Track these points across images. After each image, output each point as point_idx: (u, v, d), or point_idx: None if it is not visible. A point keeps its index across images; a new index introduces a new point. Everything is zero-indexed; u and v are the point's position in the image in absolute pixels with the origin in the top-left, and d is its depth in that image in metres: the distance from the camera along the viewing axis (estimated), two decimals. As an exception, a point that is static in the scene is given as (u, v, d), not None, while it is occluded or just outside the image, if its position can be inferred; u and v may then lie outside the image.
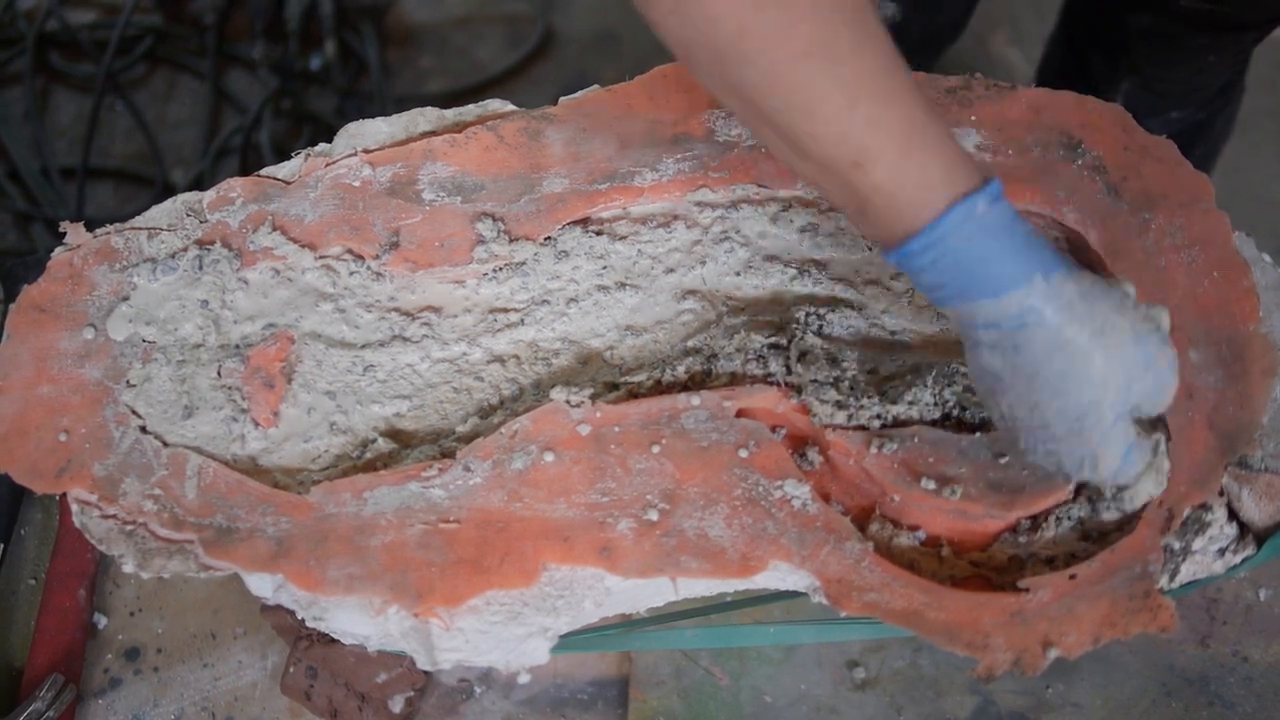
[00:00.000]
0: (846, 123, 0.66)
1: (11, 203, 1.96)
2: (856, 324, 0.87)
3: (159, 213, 0.91)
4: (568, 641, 0.82)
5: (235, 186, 0.91)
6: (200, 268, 0.89)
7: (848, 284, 0.89)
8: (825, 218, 0.91)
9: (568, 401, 0.83)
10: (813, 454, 0.82)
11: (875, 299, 0.89)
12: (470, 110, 0.94)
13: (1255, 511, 0.77)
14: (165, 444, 0.83)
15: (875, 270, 0.90)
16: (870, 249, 0.90)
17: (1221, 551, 0.77)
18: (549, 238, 0.90)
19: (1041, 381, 0.70)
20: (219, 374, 0.87)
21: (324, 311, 0.89)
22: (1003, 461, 0.79)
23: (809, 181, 0.72)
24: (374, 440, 0.85)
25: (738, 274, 0.90)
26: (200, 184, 2.00)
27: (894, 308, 0.88)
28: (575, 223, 0.91)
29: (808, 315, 0.87)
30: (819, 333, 0.86)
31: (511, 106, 0.94)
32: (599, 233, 0.91)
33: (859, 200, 0.69)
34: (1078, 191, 0.86)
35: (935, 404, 0.83)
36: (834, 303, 0.88)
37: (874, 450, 0.80)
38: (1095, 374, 0.69)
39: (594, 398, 0.84)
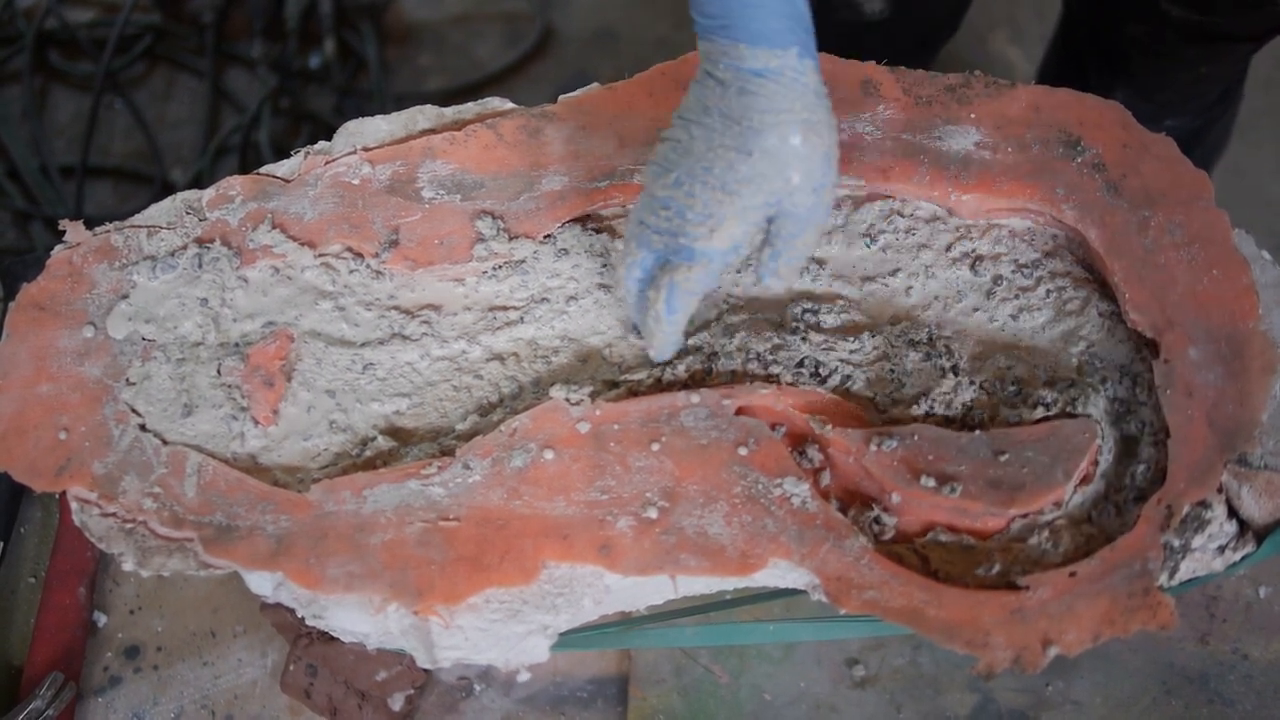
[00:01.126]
0: None
1: (11, 201, 1.96)
2: (854, 318, 0.88)
3: (158, 211, 0.91)
4: (567, 639, 0.82)
5: (234, 185, 0.91)
6: (200, 266, 0.89)
7: (846, 280, 0.89)
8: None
9: (567, 399, 0.83)
10: (812, 451, 0.82)
11: (871, 295, 0.89)
12: (469, 108, 0.94)
13: (1255, 509, 0.77)
14: (165, 442, 0.83)
15: (872, 268, 0.90)
16: (869, 243, 0.90)
17: (1221, 549, 0.77)
18: (548, 235, 0.90)
19: (740, 130, 0.76)
20: (219, 372, 0.87)
21: (323, 309, 0.89)
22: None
23: None
24: (373, 438, 0.85)
25: (737, 271, 0.90)
26: (199, 182, 1.99)
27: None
28: (575, 220, 0.91)
29: (804, 312, 0.87)
30: (816, 328, 0.87)
31: (511, 104, 0.94)
32: (599, 230, 0.91)
33: None
34: (1077, 189, 0.86)
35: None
36: (831, 299, 0.88)
37: (873, 448, 0.80)
38: (792, 152, 0.76)
39: (594, 396, 0.84)
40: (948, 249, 0.89)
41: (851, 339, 0.86)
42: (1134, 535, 0.76)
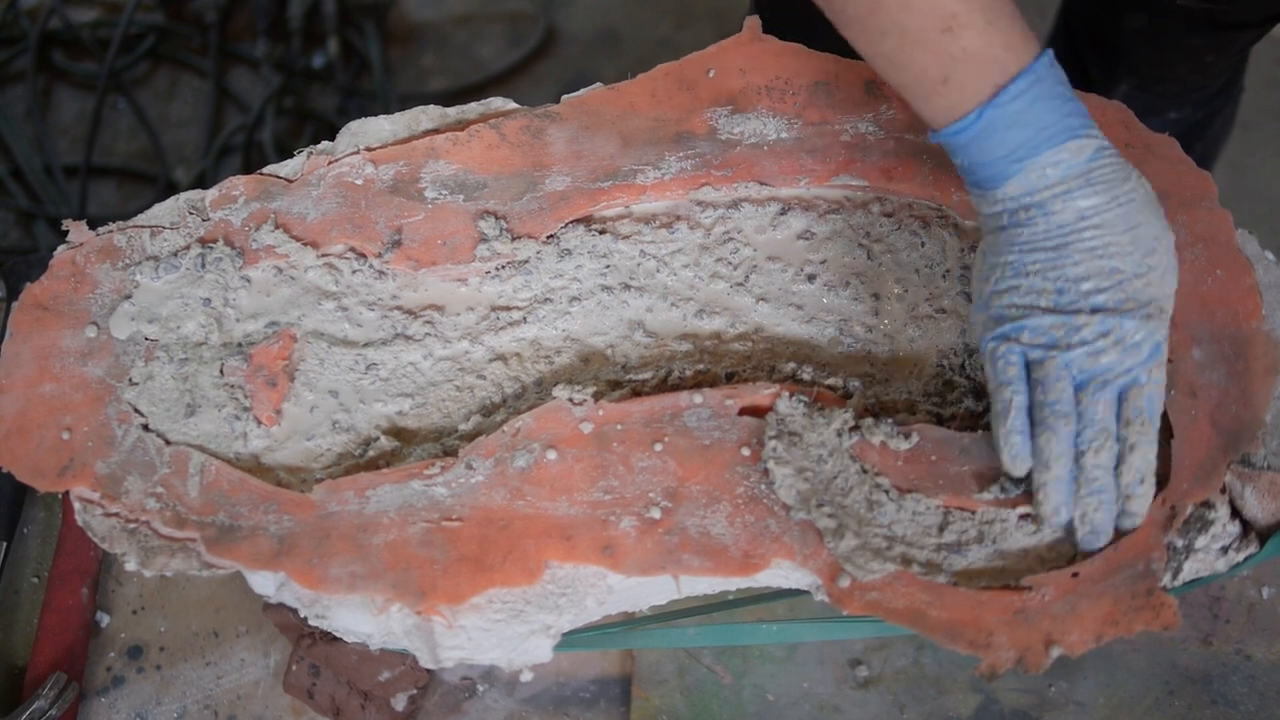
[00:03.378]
0: None
1: (14, 201, 1.96)
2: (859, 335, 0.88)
3: (161, 211, 0.91)
4: (570, 639, 0.82)
5: (238, 185, 0.91)
6: (203, 266, 0.89)
7: (844, 287, 0.90)
8: (823, 220, 0.91)
9: (570, 399, 0.83)
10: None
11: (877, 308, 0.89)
12: (473, 108, 0.94)
13: (1258, 509, 0.77)
14: (168, 442, 0.83)
15: (879, 284, 0.90)
16: (869, 251, 0.90)
17: (1224, 549, 0.77)
18: (551, 236, 0.90)
19: (1111, 224, 0.74)
20: (221, 372, 0.87)
21: (326, 310, 0.89)
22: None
23: (883, 62, 0.77)
24: (376, 438, 0.85)
25: (739, 284, 0.90)
26: (203, 182, 2.00)
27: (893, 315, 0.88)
28: (578, 221, 0.91)
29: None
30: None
31: (514, 105, 0.94)
32: (602, 231, 0.91)
33: (944, 66, 0.74)
34: (1080, 189, 0.86)
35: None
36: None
37: (878, 439, 0.80)
38: (1152, 232, 0.75)
39: (597, 396, 0.84)
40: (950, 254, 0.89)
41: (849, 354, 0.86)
42: (1137, 536, 0.76)
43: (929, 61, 0.74)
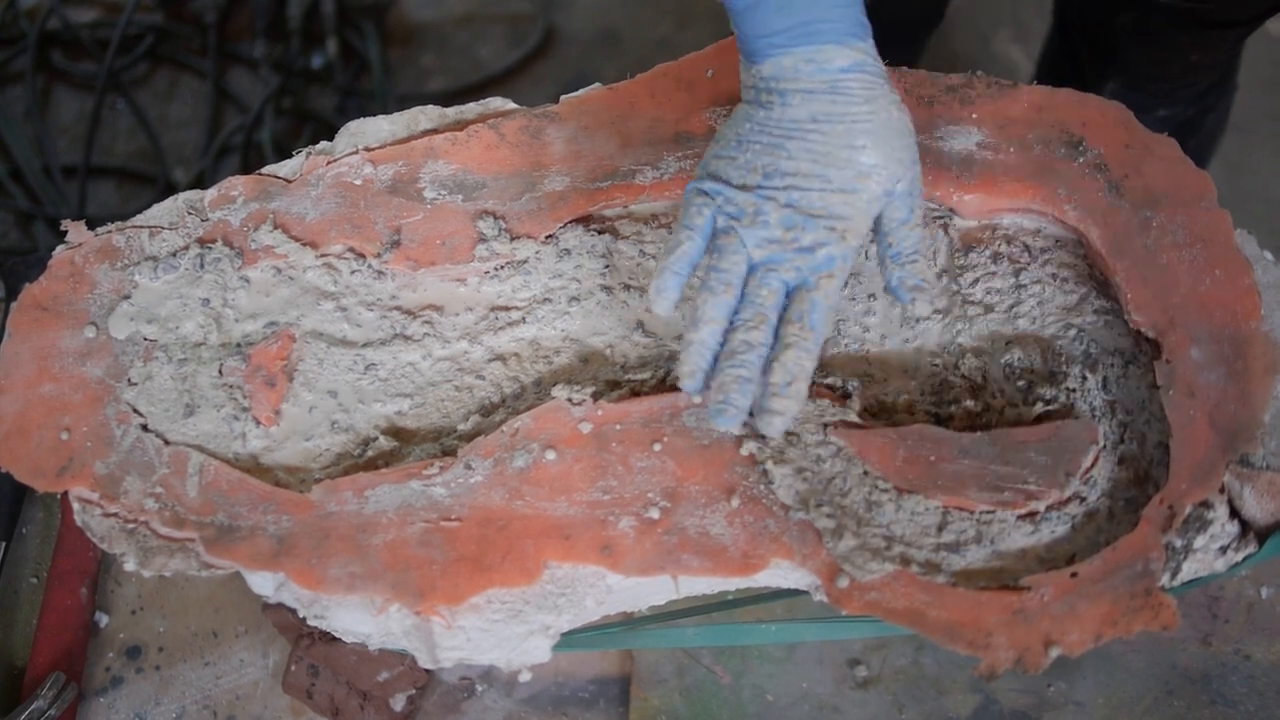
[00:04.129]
0: None
1: (13, 201, 1.96)
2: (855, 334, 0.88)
3: (160, 211, 0.91)
4: (569, 640, 0.82)
5: (236, 185, 0.91)
6: (202, 266, 0.89)
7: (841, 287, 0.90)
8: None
9: (569, 399, 0.83)
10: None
11: (871, 311, 0.89)
12: (472, 108, 0.94)
13: (1257, 509, 0.77)
14: (167, 442, 0.83)
15: (876, 285, 0.90)
16: (867, 250, 0.90)
17: (1223, 549, 0.77)
18: (550, 236, 0.90)
19: (846, 129, 0.76)
20: (220, 372, 0.87)
21: (325, 310, 0.89)
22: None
23: None
24: (375, 438, 0.85)
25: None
26: (202, 182, 2.00)
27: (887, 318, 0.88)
28: (577, 221, 0.91)
29: None
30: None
31: (513, 105, 0.94)
32: (601, 231, 0.91)
33: None
34: (1079, 189, 0.86)
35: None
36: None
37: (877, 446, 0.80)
38: (873, 159, 0.77)
39: (596, 396, 0.84)
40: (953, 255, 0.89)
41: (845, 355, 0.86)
42: (1136, 536, 0.76)
43: None
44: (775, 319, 0.77)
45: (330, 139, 0.93)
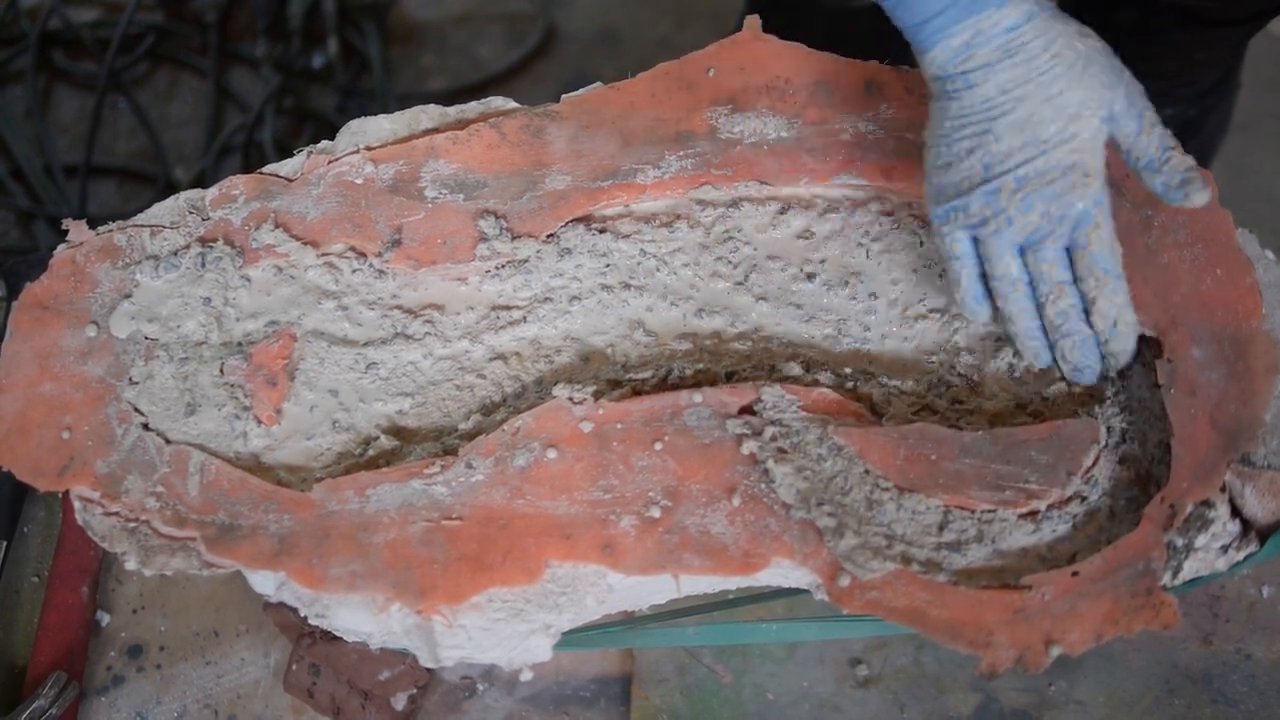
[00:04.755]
0: None
1: (14, 200, 1.96)
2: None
3: (161, 210, 0.91)
4: (570, 639, 0.82)
5: (237, 184, 0.91)
6: (203, 265, 0.89)
7: (841, 287, 0.90)
8: (823, 219, 0.91)
9: (570, 399, 0.83)
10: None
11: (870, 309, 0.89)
12: (472, 107, 0.94)
13: (1258, 508, 0.77)
14: (168, 441, 0.83)
15: (876, 284, 0.90)
16: (868, 252, 0.90)
17: (1224, 548, 0.77)
18: (551, 235, 0.90)
19: (1044, 80, 0.75)
20: (221, 371, 0.87)
21: (326, 309, 0.89)
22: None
23: None
24: (376, 438, 0.85)
25: (739, 283, 0.90)
26: (202, 182, 1.99)
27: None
28: (578, 220, 0.91)
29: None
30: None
31: (514, 104, 0.94)
32: (602, 230, 0.91)
33: None
34: (1080, 188, 0.86)
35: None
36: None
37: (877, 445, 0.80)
38: (1076, 97, 0.76)
39: (596, 395, 0.84)
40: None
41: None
42: (1137, 535, 0.76)
43: None
44: (1070, 276, 0.79)
45: (331, 138, 0.93)
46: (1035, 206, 0.77)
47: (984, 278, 0.82)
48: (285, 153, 1.24)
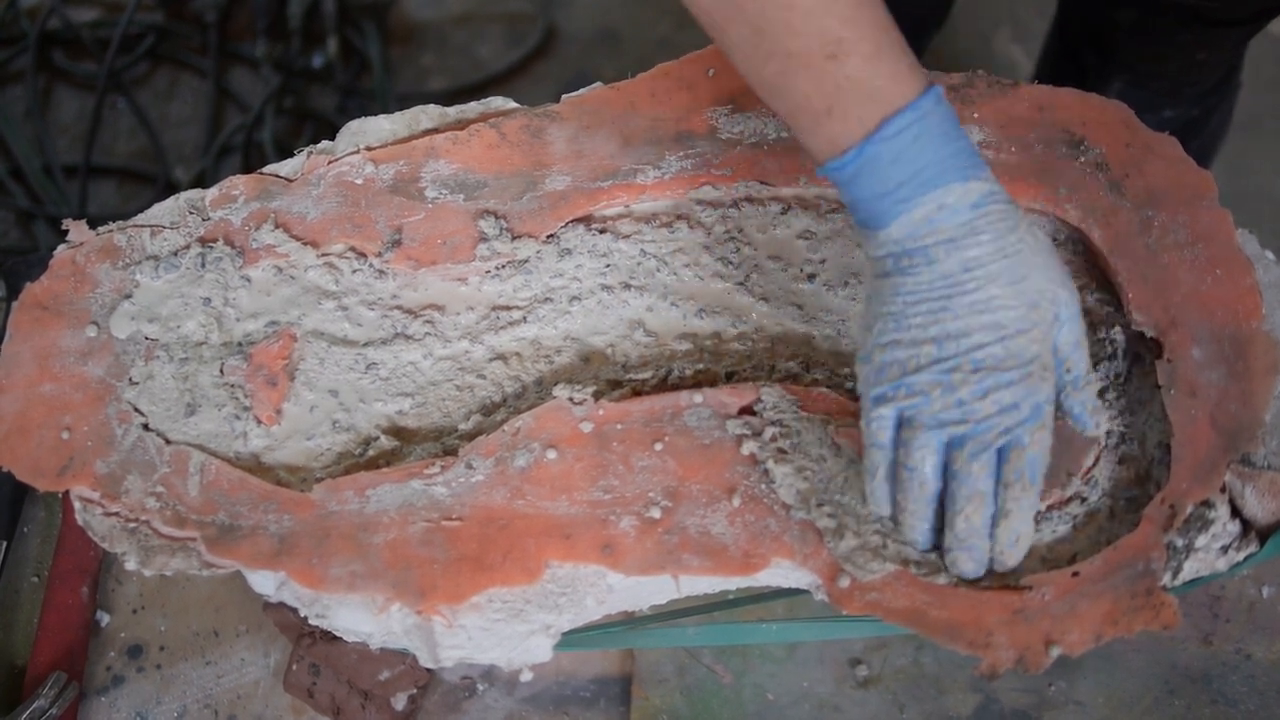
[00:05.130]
0: (824, 16, 0.70)
1: (14, 200, 1.96)
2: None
3: (161, 210, 0.91)
4: (570, 639, 0.82)
5: (237, 184, 0.91)
6: (203, 265, 0.89)
7: (841, 284, 0.90)
8: (823, 220, 0.91)
9: (571, 399, 0.83)
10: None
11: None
12: (473, 108, 0.94)
13: (1258, 509, 0.77)
14: (168, 441, 0.83)
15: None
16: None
17: (1224, 549, 0.77)
18: (551, 235, 0.90)
19: (995, 276, 0.71)
20: (222, 372, 0.87)
21: (326, 309, 0.89)
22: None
23: (766, 89, 0.75)
24: (376, 438, 0.85)
25: (740, 283, 0.90)
26: (202, 182, 1.99)
27: None
28: (578, 220, 0.91)
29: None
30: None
31: (514, 104, 0.94)
32: (602, 230, 0.91)
33: (827, 95, 0.71)
34: (1080, 189, 0.86)
35: None
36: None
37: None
38: (1037, 284, 0.72)
39: (597, 395, 0.84)
40: None
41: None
42: (1137, 535, 0.76)
43: (813, 89, 0.71)
44: (994, 484, 0.73)
45: (331, 138, 0.93)
46: (989, 394, 0.71)
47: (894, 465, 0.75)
48: (285, 153, 1.24)
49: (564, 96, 0.93)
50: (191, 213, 0.91)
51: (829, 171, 0.73)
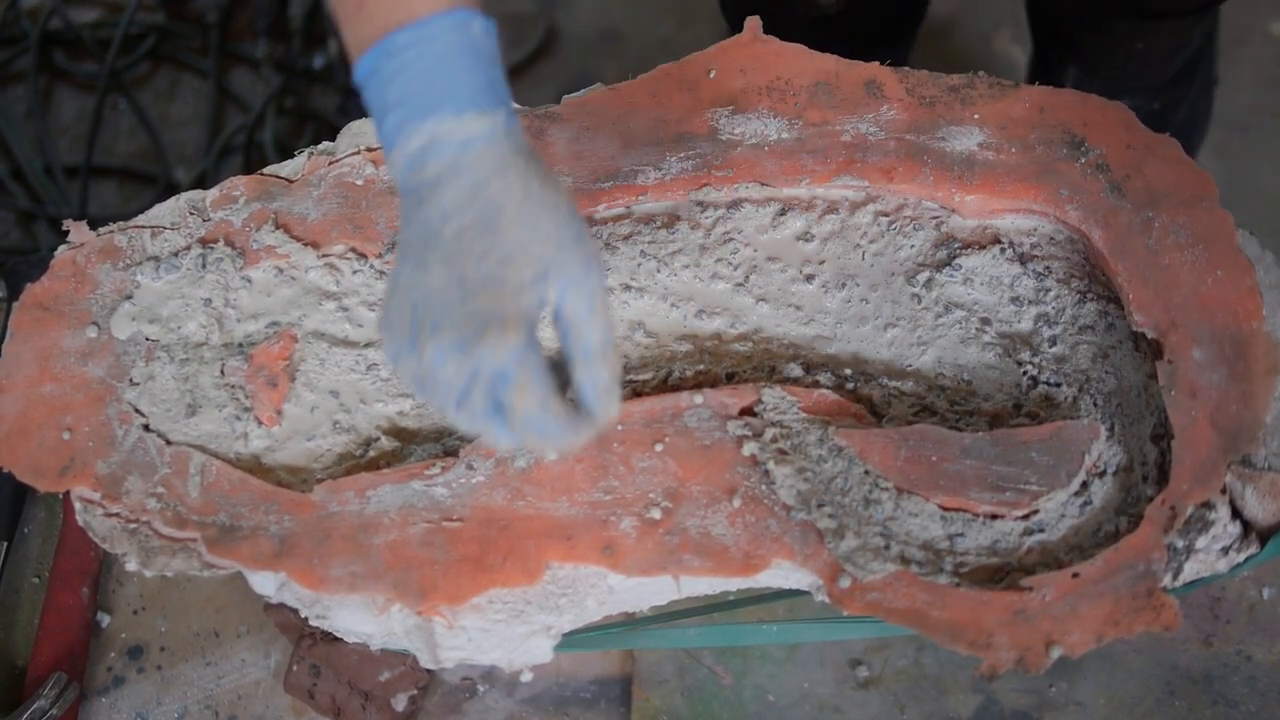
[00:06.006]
0: None
1: (15, 201, 1.96)
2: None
3: (162, 211, 0.91)
4: (571, 640, 0.82)
5: (238, 185, 0.91)
6: (203, 266, 0.89)
7: (840, 288, 0.90)
8: (823, 221, 0.91)
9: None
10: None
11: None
12: (473, 108, 0.94)
13: (1259, 510, 0.77)
14: (168, 442, 0.83)
15: (871, 283, 0.90)
16: (864, 252, 0.90)
17: (1225, 550, 0.77)
18: (552, 236, 0.90)
19: (476, 217, 0.64)
20: (222, 372, 0.87)
21: (327, 310, 0.89)
22: None
23: None
24: (377, 439, 0.85)
25: (739, 284, 0.90)
26: (203, 182, 1.99)
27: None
28: (578, 221, 0.91)
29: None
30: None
31: (514, 105, 0.94)
32: (603, 231, 0.91)
33: None
34: (1080, 190, 0.86)
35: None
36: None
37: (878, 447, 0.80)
38: (514, 237, 0.64)
39: (597, 396, 0.84)
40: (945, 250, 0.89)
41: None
42: (1137, 536, 0.76)
43: None
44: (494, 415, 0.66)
45: (332, 139, 0.93)
46: (449, 359, 0.64)
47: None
48: (286, 154, 1.24)
49: (565, 97, 0.93)
50: (192, 213, 0.91)
51: (356, 79, 0.68)
